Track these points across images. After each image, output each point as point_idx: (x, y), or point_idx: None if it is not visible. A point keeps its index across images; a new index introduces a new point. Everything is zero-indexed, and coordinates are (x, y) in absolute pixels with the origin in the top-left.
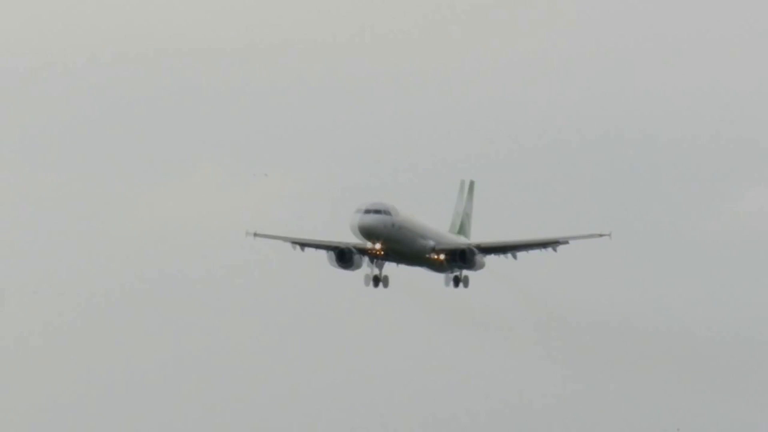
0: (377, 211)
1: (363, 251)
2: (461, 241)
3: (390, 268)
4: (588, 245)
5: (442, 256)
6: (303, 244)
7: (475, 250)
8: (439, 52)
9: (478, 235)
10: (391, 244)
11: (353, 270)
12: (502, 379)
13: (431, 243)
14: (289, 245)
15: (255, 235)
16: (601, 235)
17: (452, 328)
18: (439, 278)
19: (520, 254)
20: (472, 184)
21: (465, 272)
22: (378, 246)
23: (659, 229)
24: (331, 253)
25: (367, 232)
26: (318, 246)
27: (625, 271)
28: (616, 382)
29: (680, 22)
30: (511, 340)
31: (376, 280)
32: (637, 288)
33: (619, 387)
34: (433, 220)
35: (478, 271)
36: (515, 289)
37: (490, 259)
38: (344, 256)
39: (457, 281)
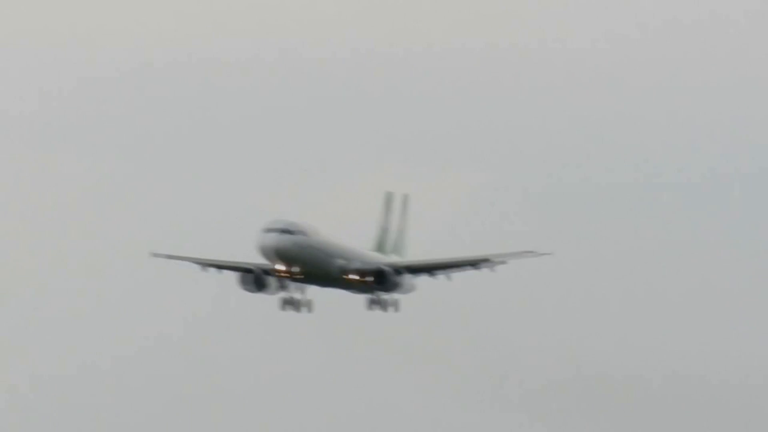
0: (283, 230)
1: (277, 273)
2: (380, 260)
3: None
4: (529, 265)
5: (359, 277)
6: (210, 266)
7: (389, 270)
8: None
9: (419, 255)
10: (298, 265)
11: (268, 294)
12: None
13: (340, 263)
14: (195, 266)
15: (154, 255)
16: (540, 254)
17: (375, 358)
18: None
19: (459, 275)
20: (405, 198)
21: (394, 295)
22: (283, 268)
23: (604, 247)
24: (242, 276)
25: (271, 253)
26: (227, 267)
27: (568, 291)
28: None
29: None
30: (437, 373)
31: (296, 305)
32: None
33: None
34: (359, 237)
35: (411, 294)
36: (450, 312)
37: (424, 281)
38: (256, 279)
39: (376, 304)
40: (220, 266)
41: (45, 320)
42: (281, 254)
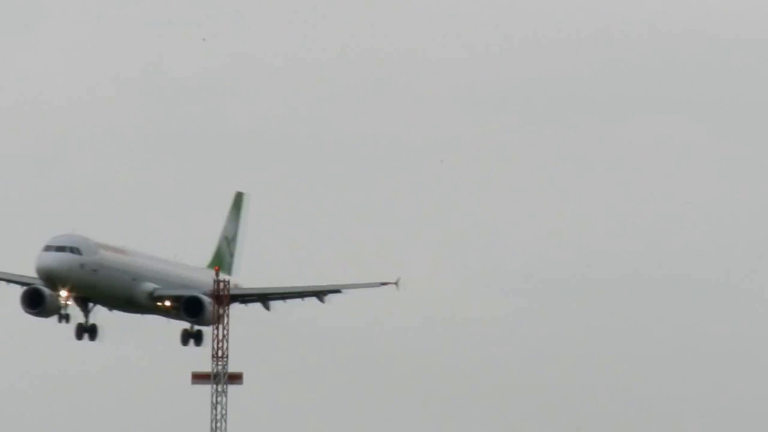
0: (61, 248)
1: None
2: (199, 282)
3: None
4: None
5: (168, 304)
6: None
7: (206, 299)
8: None
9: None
10: (86, 291)
11: (49, 316)
12: None
13: (149, 288)
14: None
15: None
16: (384, 284)
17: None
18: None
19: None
20: (239, 196)
21: (197, 327)
22: (64, 293)
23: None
24: (22, 292)
25: (46, 276)
26: (7, 281)
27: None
28: None
29: None
30: None
31: (81, 331)
32: None
33: None
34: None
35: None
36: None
37: (238, 309)
38: (34, 298)
39: (187, 337)
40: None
41: None
42: (54, 277)
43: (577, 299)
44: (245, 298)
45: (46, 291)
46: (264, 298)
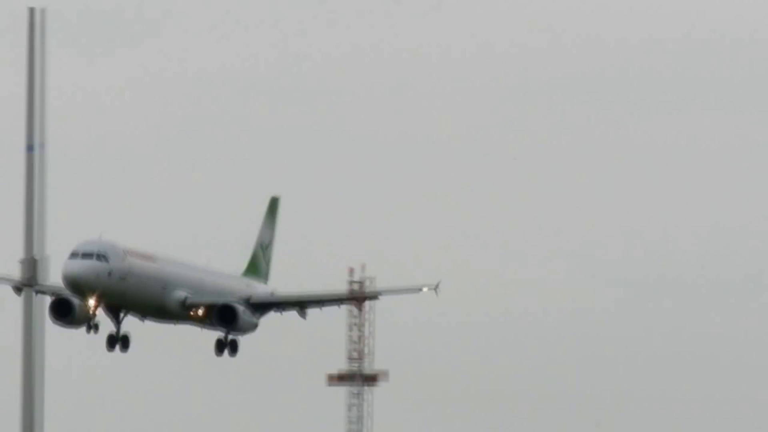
0: (88, 255)
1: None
2: (232, 290)
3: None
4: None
5: (200, 312)
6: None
7: (239, 307)
8: None
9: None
10: (114, 299)
11: (79, 327)
12: None
13: (181, 295)
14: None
15: None
16: (423, 289)
17: None
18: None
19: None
20: (274, 201)
21: (233, 335)
22: (92, 302)
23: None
24: (51, 302)
25: (73, 285)
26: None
27: None
28: None
29: None
30: None
31: (113, 340)
32: None
33: None
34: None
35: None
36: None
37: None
38: (61, 307)
39: (221, 346)
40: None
41: None
42: (83, 286)
43: (659, 298)
44: (281, 305)
45: (75, 300)
46: (302, 304)
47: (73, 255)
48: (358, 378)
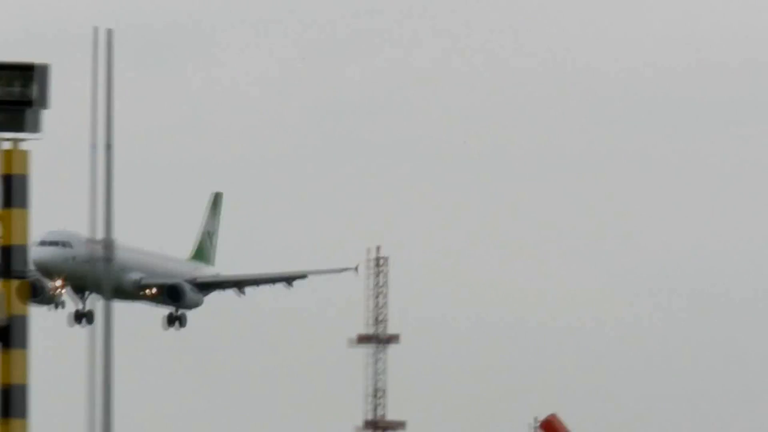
0: (54, 243)
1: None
2: (186, 272)
3: None
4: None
5: (153, 291)
6: None
7: (186, 287)
8: None
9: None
10: (77, 281)
11: (49, 305)
12: None
13: (136, 277)
14: None
15: None
16: (344, 270)
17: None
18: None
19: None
20: (218, 196)
21: (181, 311)
22: (58, 283)
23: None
24: None
25: (41, 268)
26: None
27: None
28: None
29: None
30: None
31: (79, 316)
32: None
33: None
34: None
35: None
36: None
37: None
38: (33, 288)
39: (171, 320)
40: None
41: None
42: (49, 269)
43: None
44: (222, 285)
45: (45, 281)
46: (239, 284)
47: (42, 243)
48: (377, 339)
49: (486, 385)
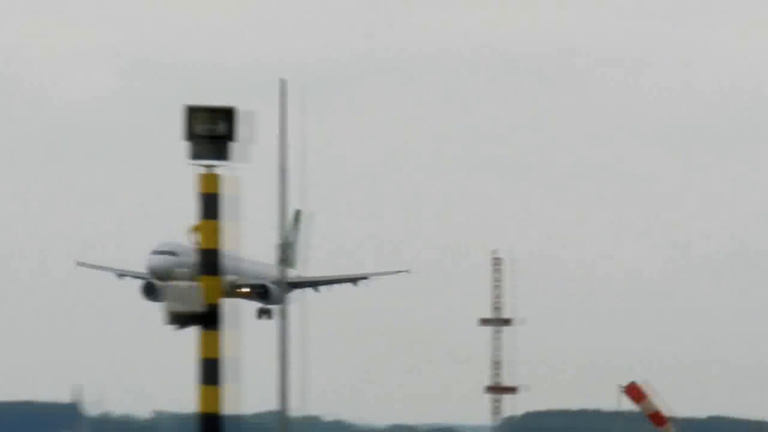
0: (164, 252)
1: None
2: (267, 274)
3: None
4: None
5: (246, 291)
6: (123, 275)
7: (272, 286)
8: None
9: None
10: None
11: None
12: None
13: (231, 279)
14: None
15: (78, 264)
16: (398, 272)
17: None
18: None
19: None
20: (298, 213)
21: (267, 306)
22: None
23: None
24: (140, 285)
25: (154, 273)
26: (135, 276)
27: None
28: None
29: None
30: None
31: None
32: None
33: None
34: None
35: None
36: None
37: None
38: (149, 288)
39: (261, 313)
40: (132, 276)
41: None
42: (161, 274)
43: None
44: (303, 284)
45: (158, 282)
46: (315, 284)
47: (154, 252)
48: (497, 322)
49: (582, 360)
